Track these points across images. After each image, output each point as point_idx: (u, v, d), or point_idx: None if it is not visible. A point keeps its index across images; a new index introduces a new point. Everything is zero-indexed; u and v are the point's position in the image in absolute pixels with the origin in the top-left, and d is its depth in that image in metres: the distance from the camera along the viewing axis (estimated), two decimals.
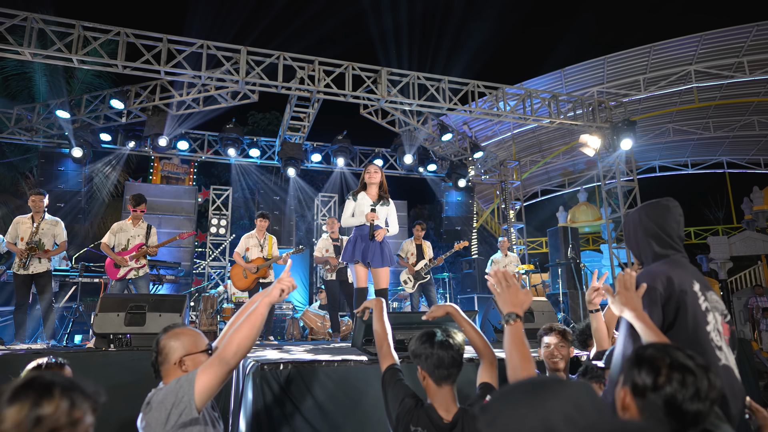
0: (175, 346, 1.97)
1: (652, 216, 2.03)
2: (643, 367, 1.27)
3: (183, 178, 14.85)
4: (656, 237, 2.00)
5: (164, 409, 1.75)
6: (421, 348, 1.97)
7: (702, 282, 1.94)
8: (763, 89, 12.49)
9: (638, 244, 2.07)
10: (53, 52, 6.74)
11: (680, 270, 1.92)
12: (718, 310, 1.90)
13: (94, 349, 4.67)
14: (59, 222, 6.16)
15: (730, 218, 17.85)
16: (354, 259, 4.60)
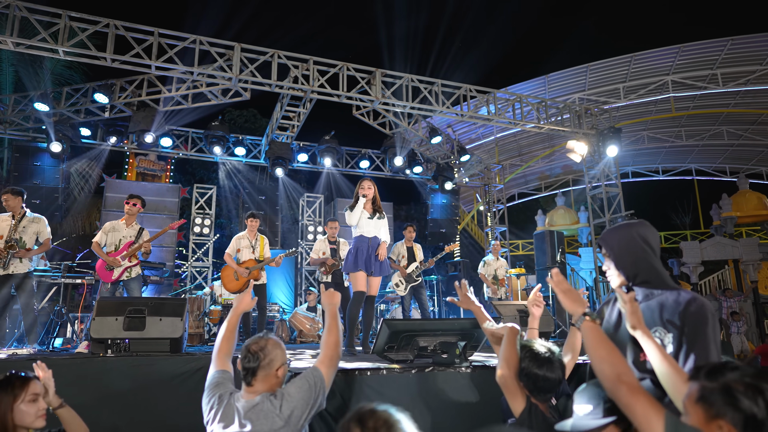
0: (278, 354, 2.12)
1: (649, 234, 1.99)
2: (747, 396, 1.19)
3: (159, 175, 14.46)
4: (657, 256, 1.99)
5: (305, 409, 2.00)
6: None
7: None
8: (733, 101, 13.02)
9: (637, 264, 1.96)
10: (37, 41, 6.44)
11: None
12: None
13: (90, 355, 4.47)
14: (42, 219, 5.84)
15: (697, 223, 18.54)
16: (358, 269, 4.87)
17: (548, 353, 2.06)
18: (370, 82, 8.06)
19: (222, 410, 2.01)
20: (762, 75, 11.67)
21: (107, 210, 9.10)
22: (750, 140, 14.70)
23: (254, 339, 2.15)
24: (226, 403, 2.04)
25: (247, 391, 2.08)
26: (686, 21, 28.49)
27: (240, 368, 2.10)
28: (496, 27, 34.87)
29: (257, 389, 2.06)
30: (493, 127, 12.85)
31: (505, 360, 2.13)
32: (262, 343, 2.11)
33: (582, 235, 14.87)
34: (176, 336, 4.65)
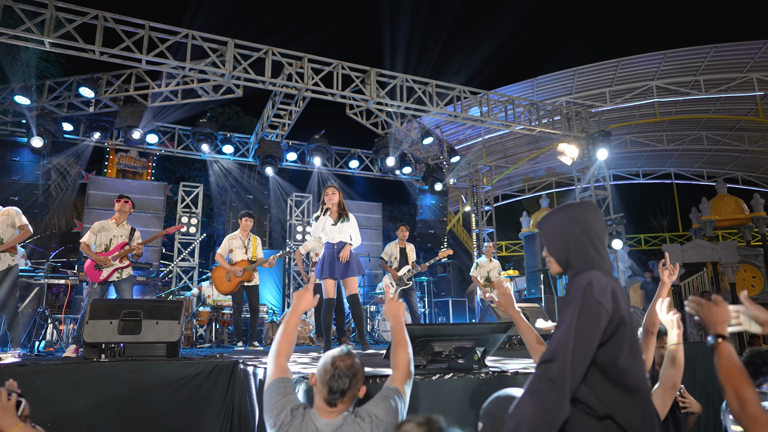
0: (362, 374, 2.02)
1: (587, 216, 1.74)
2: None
3: (141, 172, 14.11)
4: (593, 241, 1.69)
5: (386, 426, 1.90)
6: None
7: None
8: (714, 107, 13.33)
9: (569, 248, 1.71)
10: (22, 32, 6.19)
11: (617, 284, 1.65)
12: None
13: (83, 360, 4.29)
14: (12, 208, 5.34)
15: (676, 226, 18.95)
16: (323, 276, 5.09)
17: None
18: (365, 81, 7.98)
19: (298, 429, 1.86)
20: (742, 82, 11.97)
21: (90, 208, 8.79)
22: (728, 145, 15.08)
23: (341, 356, 1.96)
24: (302, 421, 1.88)
25: (330, 410, 1.92)
26: (672, 28, 29.20)
27: (322, 386, 1.92)
28: (486, 29, 35.15)
29: (339, 409, 1.92)
30: (480, 129, 12.90)
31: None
32: (349, 361, 1.94)
33: None
34: (174, 339, 4.50)
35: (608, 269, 1.66)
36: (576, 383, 1.46)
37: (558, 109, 9.69)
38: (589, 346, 1.48)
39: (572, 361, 1.45)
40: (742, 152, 15.47)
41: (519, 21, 36.96)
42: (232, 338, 7.88)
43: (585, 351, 1.47)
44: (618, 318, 1.53)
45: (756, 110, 12.98)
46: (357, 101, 8.21)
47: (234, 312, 6.69)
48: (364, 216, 10.77)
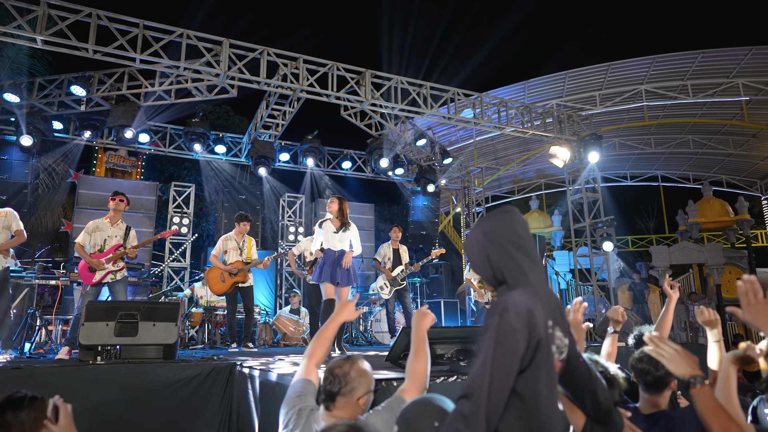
0: (363, 383, 1.97)
1: (502, 228, 1.60)
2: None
3: (130, 171, 13.96)
4: (512, 255, 1.55)
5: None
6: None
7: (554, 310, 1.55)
8: (700, 111, 13.53)
9: (491, 266, 1.59)
10: (13, 29, 6.09)
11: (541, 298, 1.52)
12: (558, 348, 1.54)
13: (79, 363, 4.24)
14: (9, 211, 5.36)
15: (662, 228, 19.22)
16: (322, 280, 5.19)
17: (604, 373, 2.02)
18: (359, 83, 7.98)
19: (300, 429, 1.89)
20: (728, 87, 12.18)
21: (80, 208, 8.68)
22: (713, 149, 15.32)
23: (339, 362, 2.01)
24: (304, 422, 1.91)
25: (327, 414, 1.95)
26: (661, 33, 29.66)
27: (321, 388, 1.98)
28: (479, 33, 35.36)
29: (337, 414, 1.93)
30: (472, 131, 12.96)
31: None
32: (346, 368, 1.97)
33: (555, 239, 15.19)
34: (171, 342, 4.48)
35: (535, 282, 1.54)
36: (495, 417, 1.38)
37: (550, 111, 9.78)
38: (507, 376, 1.39)
39: (489, 395, 1.36)
40: (726, 156, 15.73)
41: (512, 25, 37.24)
42: (225, 339, 7.85)
43: (502, 382, 1.38)
44: (535, 342, 1.43)
45: (741, 115, 13.21)
46: (351, 102, 8.21)
47: (228, 313, 6.66)
48: (357, 217, 10.77)
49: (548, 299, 1.54)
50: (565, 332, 1.57)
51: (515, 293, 1.47)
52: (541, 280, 1.57)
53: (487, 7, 36.03)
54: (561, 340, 1.54)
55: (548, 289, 1.58)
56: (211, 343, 7.51)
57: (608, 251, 9.11)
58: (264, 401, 3.50)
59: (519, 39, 37.35)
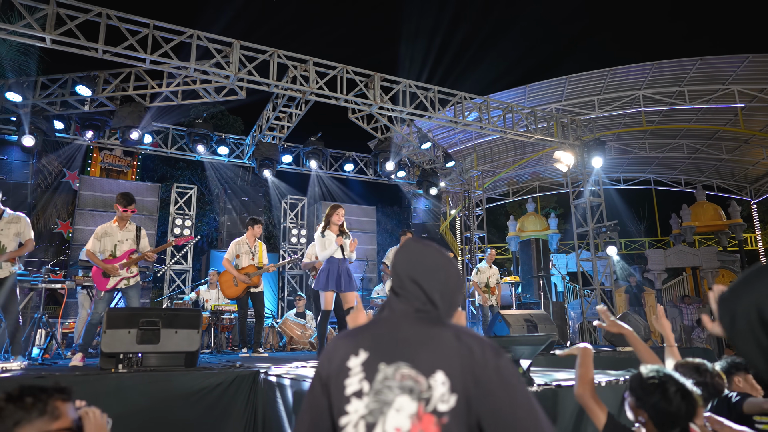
0: None
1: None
2: None
3: (126, 171, 13.74)
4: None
5: None
6: (656, 399, 1.88)
7: (382, 346, 1.28)
8: (695, 116, 13.75)
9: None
10: (21, 27, 5.97)
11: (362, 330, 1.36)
12: (400, 390, 1.20)
13: (100, 371, 4.15)
14: (22, 217, 5.34)
15: (654, 231, 19.48)
16: (328, 288, 5.30)
17: (658, 377, 2.01)
18: (368, 86, 7.96)
19: None
20: (723, 94, 12.38)
21: (81, 209, 8.53)
22: (706, 154, 15.57)
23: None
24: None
25: None
26: (659, 40, 30.08)
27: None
28: (481, 37, 35.53)
29: None
30: (472, 134, 13.00)
31: (580, 378, 2.18)
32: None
33: (552, 242, 15.31)
34: (193, 349, 4.42)
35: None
36: None
37: (554, 116, 9.85)
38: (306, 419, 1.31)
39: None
40: (718, 161, 15.99)
41: (514, 30, 37.53)
42: (233, 344, 7.77)
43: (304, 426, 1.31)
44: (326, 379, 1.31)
45: (734, 121, 13.45)
46: (359, 105, 8.19)
47: (239, 318, 6.59)
48: (359, 219, 10.76)
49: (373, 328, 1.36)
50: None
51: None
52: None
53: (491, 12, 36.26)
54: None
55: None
56: (218, 347, 7.43)
57: (611, 255, 9.21)
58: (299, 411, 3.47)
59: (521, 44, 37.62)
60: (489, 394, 1.18)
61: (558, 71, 11.80)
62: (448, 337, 1.25)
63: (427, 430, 1.15)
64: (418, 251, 1.43)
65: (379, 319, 1.38)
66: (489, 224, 21.64)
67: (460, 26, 34.48)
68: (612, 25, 34.96)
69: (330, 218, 5.41)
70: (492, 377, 1.19)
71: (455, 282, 1.42)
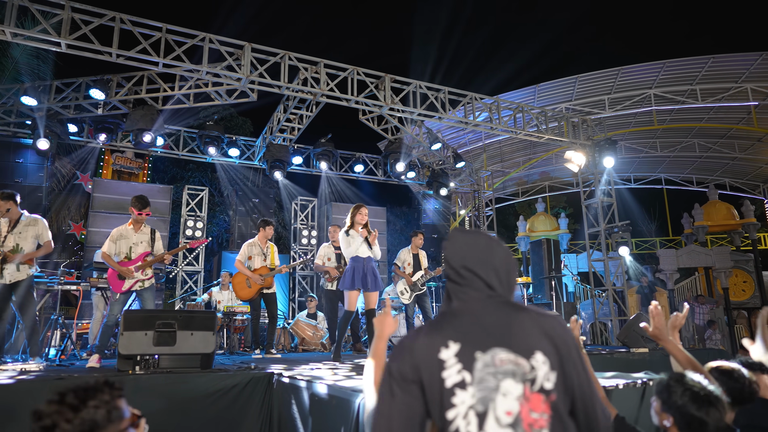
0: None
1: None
2: None
3: (137, 173, 13.88)
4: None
5: None
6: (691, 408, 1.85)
7: (472, 335, 1.28)
8: (707, 115, 13.63)
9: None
10: (37, 33, 6.04)
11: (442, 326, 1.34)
12: (504, 375, 1.22)
13: (118, 372, 4.20)
14: (40, 220, 5.45)
15: (665, 231, 19.33)
16: (354, 287, 5.32)
17: (685, 381, 1.99)
18: (378, 87, 7.97)
19: None
20: (736, 92, 12.26)
21: (95, 211, 8.61)
22: (718, 153, 15.42)
23: None
24: None
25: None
26: (670, 38, 29.81)
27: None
28: (491, 37, 35.45)
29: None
30: (481, 134, 12.97)
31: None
32: None
33: (562, 242, 15.24)
34: (208, 351, 4.45)
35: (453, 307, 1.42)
36: None
37: (564, 116, 9.81)
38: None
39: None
40: (731, 159, 15.83)
41: (524, 29, 37.41)
42: (245, 345, 7.82)
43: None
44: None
45: (747, 119, 13.31)
46: (370, 107, 8.20)
47: (252, 319, 6.63)
48: (369, 220, 10.71)
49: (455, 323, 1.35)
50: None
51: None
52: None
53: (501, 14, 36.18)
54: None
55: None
56: (230, 349, 7.47)
57: (624, 256, 9.16)
58: (315, 414, 3.48)
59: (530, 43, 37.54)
60: (573, 368, 1.27)
61: (567, 72, 11.72)
62: (531, 318, 1.31)
63: (536, 409, 1.19)
64: (465, 240, 1.48)
65: (453, 310, 1.39)
66: (498, 224, 21.66)
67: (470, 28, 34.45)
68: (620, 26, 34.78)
69: (354, 218, 5.55)
70: (572, 351, 1.29)
71: (507, 263, 1.46)
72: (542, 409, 1.20)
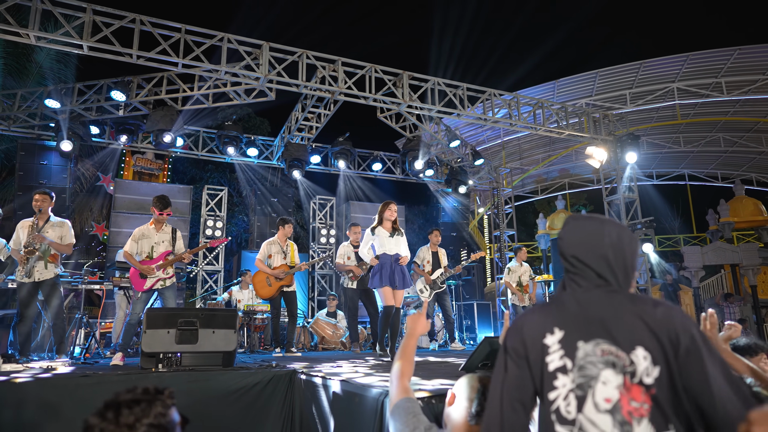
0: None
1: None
2: None
3: (157, 174, 14.05)
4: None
5: None
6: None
7: (576, 324, 1.33)
8: (733, 108, 13.29)
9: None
10: (60, 36, 6.12)
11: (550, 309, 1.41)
12: (604, 365, 1.27)
13: (141, 370, 4.23)
14: (66, 223, 5.65)
15: (689, 228, 18.92)
16: (383, 285, 5.31)
17: None
18: (396, 84, 7.92)
19: None
20: (763, 84, 11.92)
21: (117, 212, 8.73)
22: (744, 147, 15.04)
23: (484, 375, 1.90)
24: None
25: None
26: (695, 31, 29.12)
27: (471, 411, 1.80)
28: (510, 33, 35.15)
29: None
30: (500, 131, 12.85)
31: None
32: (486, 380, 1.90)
33: None
34: (230, 349, 4.45)
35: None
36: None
37: (585, 111, 9.65)
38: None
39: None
40: (758, 154, 15.43)
41: (542, 25, 36.99)
42: (265, 343, 7.84)
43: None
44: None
45: None
46: (388, 104, 8.16)
47: (272, 317, 6.64)
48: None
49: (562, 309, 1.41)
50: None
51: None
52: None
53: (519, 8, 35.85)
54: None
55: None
56: (250, 348, 7.50)
57: (648, 253, 8.97)
58: (340, 411, 3.45)
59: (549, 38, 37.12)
60: (686, 364, 1.23)
61: (587, 67, 11.53)
62: (638, 311, 1.30)
63: (637, 399, 1.24)
64: (576, 227, 1.48)
65: (562, 298, 1.43)
66: (518, 222, 21.46)
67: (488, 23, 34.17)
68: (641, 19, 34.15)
69: (383, 215, 5.51)
70: (682, 347, 1.24)
71: (620, 249, 1.42)
72: (643, 399, 1.23)
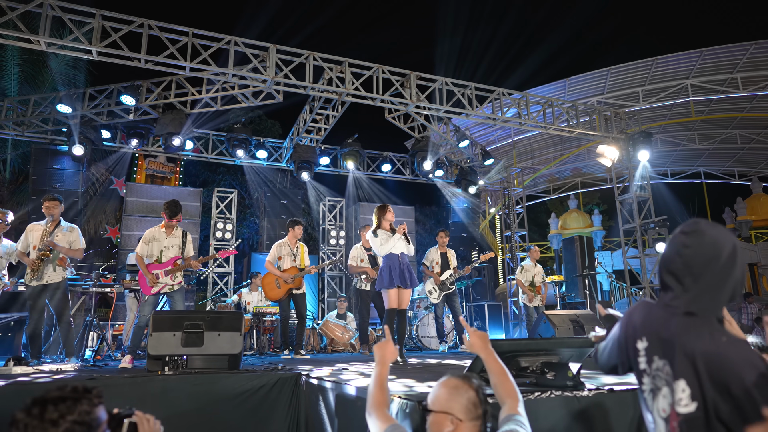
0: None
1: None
2: None
3: (169, 177, 14.16)
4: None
5: None
6: None
7: (656, 340, 1.43)
8: (749, 104, 13.03)
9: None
10: (70, 42, 6.19)
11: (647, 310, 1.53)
12: (665, 383, 1.39)
13: (148, 373, 4.25)
14: (76, 228, 5.70)
15: None
16: (393, 285, 5.24)
17: None
18: (404, 85, 7.89)
19: None
20: None
21: (128, 215, 8.81)
22: (761, 143, 14.75)
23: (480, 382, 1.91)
24: None
25: None
26: (709, 25, 28.64)
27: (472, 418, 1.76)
28: (520, 31, 34.93)
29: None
30: (510, 130, 12.74)
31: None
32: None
33: (596, 239, 14.81)
34: (236, 352, 4.46)
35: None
36: None
37: (596, 109, 9.52)
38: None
39: None
40: None
41: (553, 22, 36.68)
42: (274, 345, 7.85)
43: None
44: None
45: None
46: (396, 105, 8.13)
47: (281, 320, 6.64)
48: (397, 219, 10.61)
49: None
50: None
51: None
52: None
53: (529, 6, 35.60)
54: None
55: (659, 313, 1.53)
56: (260, 350, 7.51)
57: (661, 252, 8.81)
58: (342, 415, 3.43)
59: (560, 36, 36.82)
60: (727, 407, 1.24)
61: (598, 64, 11.39)
62: (693, 343, 1.32)
63: (674, 420, 1.36)
64: (676, 241, 1.45)
65: (654, 310, 1.51)
66: (530, 222, 21.27)
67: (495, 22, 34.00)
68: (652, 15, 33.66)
69: (382, 217, 5.57)
70: (725, 390, 1.23)
71: (697, 263, 1.38)
72: (676, 424, 1.36)
